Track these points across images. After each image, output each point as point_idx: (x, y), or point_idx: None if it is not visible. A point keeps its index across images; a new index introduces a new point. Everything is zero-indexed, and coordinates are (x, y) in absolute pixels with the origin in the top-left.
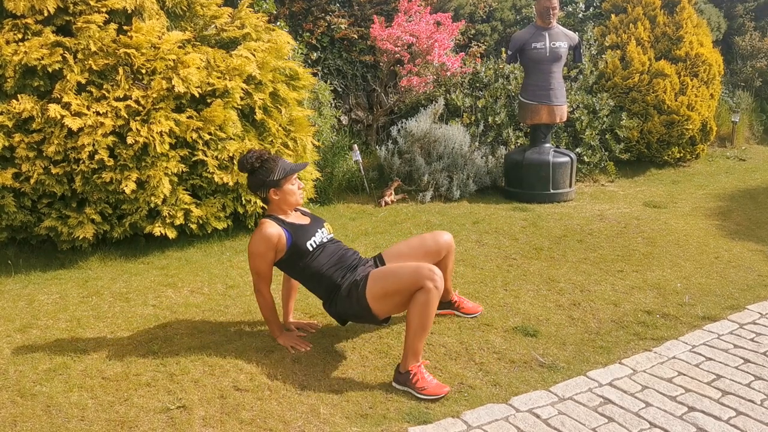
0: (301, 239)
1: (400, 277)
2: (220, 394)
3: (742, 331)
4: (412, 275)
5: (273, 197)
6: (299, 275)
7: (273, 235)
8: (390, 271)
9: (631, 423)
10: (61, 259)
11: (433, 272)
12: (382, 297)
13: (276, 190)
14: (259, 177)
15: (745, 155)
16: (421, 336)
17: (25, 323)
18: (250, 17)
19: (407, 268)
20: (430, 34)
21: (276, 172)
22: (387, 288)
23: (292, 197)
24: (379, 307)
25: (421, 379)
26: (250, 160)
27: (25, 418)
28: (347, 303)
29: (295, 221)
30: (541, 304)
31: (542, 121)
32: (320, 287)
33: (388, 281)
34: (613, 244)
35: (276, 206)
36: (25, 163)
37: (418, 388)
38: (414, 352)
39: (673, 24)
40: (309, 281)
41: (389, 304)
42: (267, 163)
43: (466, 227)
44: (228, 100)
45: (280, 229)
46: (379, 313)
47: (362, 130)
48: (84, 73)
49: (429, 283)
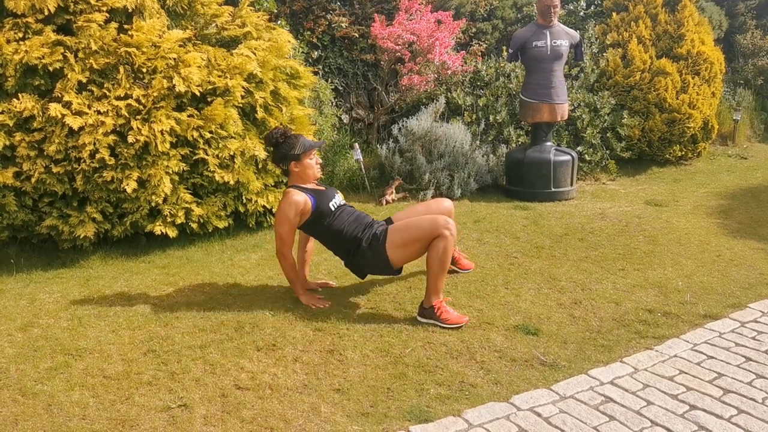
0: (323, 202)
1: (419, 227)
2: (221, 393)
3: (743, 330)
4: (430, 225)
5: (294, 169)
6: (323, 234)
7: (300, 200)
8: (410, 223)
9: (633, 421)
10: (63, 258)
11: (448, 221)
12: (401, 246)
13: (296, 163)
14: (281, 151)
15: (747, 153)
16: (441, 275)
17: (27, 322)
18: (251, 16)
19: (425, 219)
20: (431, 32)
21: (297, 147)
22: (407, 238)
23: (311, 170)
24: (397, 255)
25: (444, 311)
26: (275, 136)
27: (27, 416)
28: (368, 253)
29: (314, 188)
30: (543, 303)
31: (543, 120)
32: (342, 243)
33: (409, 231)
34: (614, 243)
35: (296, 177)
36: (26, 162)
37: (443, 319)
38: (436, 290)
39: (675, 22)
40: (331, 239)
41: (406, 252)
42: (289, 139)
43: (467, 226)
44: (229, 99)
45: (304, 195)
46: (395, 262)
47: (363, 128)
48: (85, 72)
49: (446, 231)
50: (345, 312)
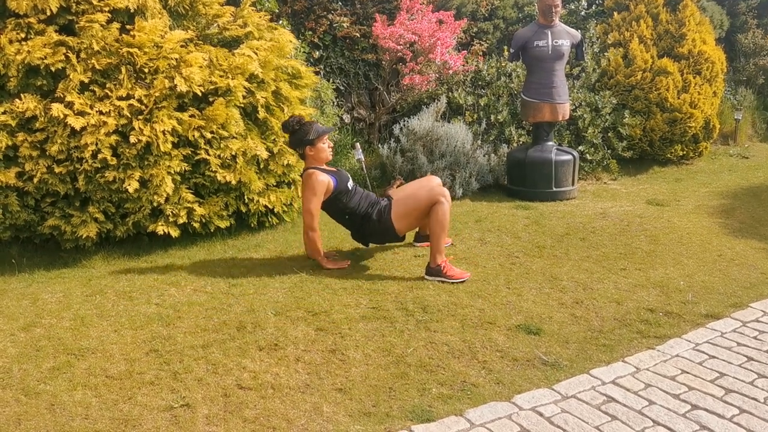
0: (343, 182)
1: (418, 197)
2: (224, 393)
3: (745, 329)
4: (428, 193)
5: (309, 153)
6: (339, 210)
7: (325, 180)
8: (410, 195)
9: (635, 421)
10: (65, 258)
11: (443, 188)
12: (405, 216)
13: (311, 147)
14: (298, 136)
15: (748, 153)
16: (442, 236)
17: (29, 322)
18: (253, 16)
19: (423, 190)
20: (432, 32)
21: (311, 132)
22: (409, 208)
23: (323, 153)
24: (402, 224)
25: (449, 269)
26: (291, 123)
27: (30, 416)
28: (377, 225)
29: (330, 169)
30: (544, 302)
31: (545, 119)
32: (355, 218)
33: (409, 202)
34: (615, 242)
35: (312, 160)
36: (28, 162)
37: (449, 276)
38: (439, 250)
39: (676, 21)
40: (345, 215)
41: (410, 219)
42: (304, 126)
43: (469, 225)
44: (230, 99)
45: (327, 175)
46: (400, 230)
47: (364, 128)
48: (87, 72)
49: (441, 197)
50: (347, 312)
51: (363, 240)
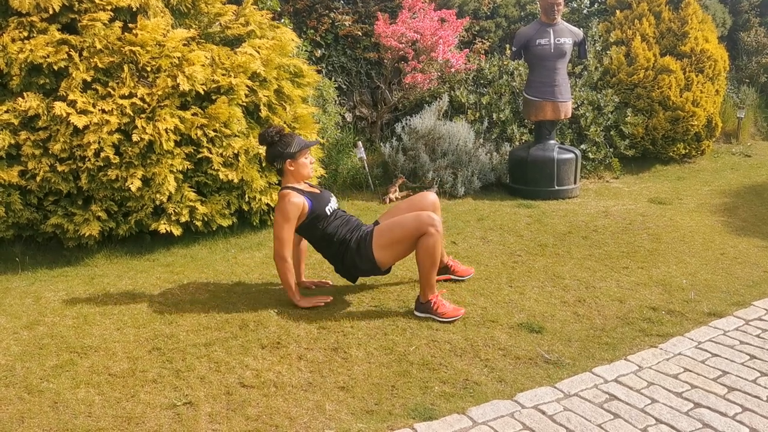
0: (320, 205)
1: (404, 227)
2: (226, 391)
3: (748, 328)
4: (414, 223)
5: (288, 168)
6: (316, 237)
7: (299, 202)
8: (394, 223)
9: (637, 419)
10: (68, 257)
11: (433, 218)
12: (388, 246)
13: (291, 162)
14: (277, 149)
15: (751, 151)
16: (432, 271)
17: (32, 320)
18: (255, 14)
19: (409, 218)
20: (434, 30)
21: (292, 145)
22: (393, 238)
23: (305, 170)
24: (384, 256)
25: (440, 305)
26: (270, 134)
27: (33, 414)
28: (356, 256)
29: (310, 190)
30: (546, 301)
31: (547, 118)
32: (332, 246)
33: (394, 231)
34: (618, 241)
35: (291, 177)
36: (31, 161)
37: (440, 313)
38: (430, 285)
39: (678, 20)
40: (323, 242)
41: (393, 252)
42: (285, 138)
43: (471, 224)
44: (233, 98)
45: (302, 197)
46: (383, 263)
47: (366, 127)
48: (89, 71)
49: (431, 228)
50: (349, 310)
51: (348, 275)
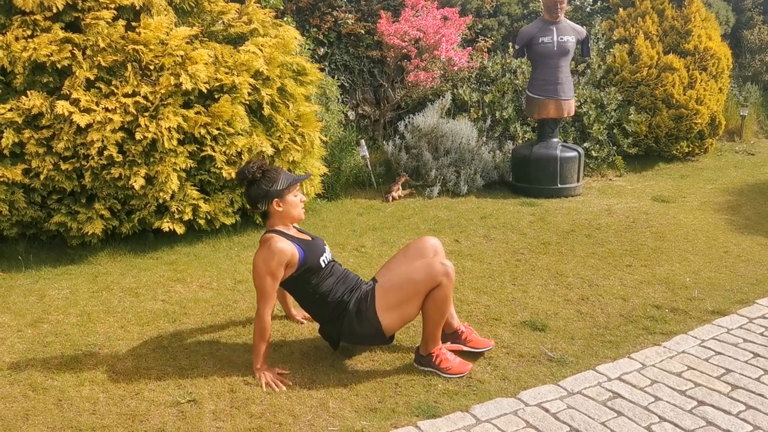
0: (313, 255)
1: (414, 280)
2: (230, 388)
3: (751, 326)
4: (426, 275)
5: (276, 209)
6: (306, 294)
7: (286, 250)
8: (402, 278)
9: (641, 417)
10: (71, 255)
11: (446, 266)
12: (396, 306)
13: (279, 201)
14: (262, 187)
15: (754, 149)
16: (440, 325)
17: (36, 318)
18: (258, 13)
19: (419, 269)
20: (437, 29)
21: (279, 181)
22: (402, 296)
23: (295, 210)
24: (391, 318)
25: (444, 360)
26: (251, 170)
27: (37, 411)
28: (356, 321)
29: (300, 236)
30: (550, 299)
31: (550, 116)
32: (326, 307)
33: (401, 287)
34: (621, 239)
35: (278, 220)
36: (34, 159)
37: (443, 369)
38: (434, 339)
39: (682, 17)
40: (315, 301)
41: (403, 312)
42: (269, 173)
43: (474, 222)
44: (236, 96)
45: (291, 244)
46: (389, 328)
47: (369, 125)
48: (93, 69)
49: (444, 278)
50: None
51: (331, 339)
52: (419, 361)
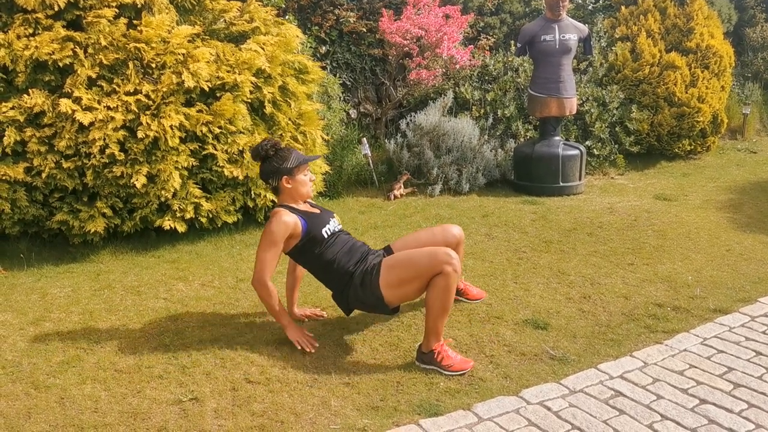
0: (316, 226)
1: (416, 264)
2: (232, 387)
3: (753, 324)
4: (429, 260)
5: (285, 185)
6: (313, 263)
7: (290, 221)
8: (406, 258)
9: (643, 415)
10: (73, 253)
11: (450, 255)
12: (398, 285)
13: (289, 179)
14: (273, 164)
15: (756, 147)
16: (442, 318)
17: (38, 316)
18: (259, 11)
19: (423, 253)
20: (439, 27)
21: (290, 160)
22: (403, 275)
23: (304, 188)
24: (393, 294)
25: (446, 357)
26: (265, 148)
27: (39, 410)
28: (360, 291)
29: (307, 210)
30: (552, 297)
31: (552, 114)
32: (333, 276)
33: (404, 268)
34: (623, 237)
35: (288, 195)
36: (36, 158)
37: (445, 366)
38: (436, 333)
39: (684, 15)
40: (322, 270)
41: (404, 291)
42: (281, 152)
43: (476, 220)
44: (237, 94)
45: (295, 216)
46: (392, 302)
47: (371, 123)
48: (94, 67)
49: (447, 267)
50: None
51: (344, 305)
52: (421, 359)
